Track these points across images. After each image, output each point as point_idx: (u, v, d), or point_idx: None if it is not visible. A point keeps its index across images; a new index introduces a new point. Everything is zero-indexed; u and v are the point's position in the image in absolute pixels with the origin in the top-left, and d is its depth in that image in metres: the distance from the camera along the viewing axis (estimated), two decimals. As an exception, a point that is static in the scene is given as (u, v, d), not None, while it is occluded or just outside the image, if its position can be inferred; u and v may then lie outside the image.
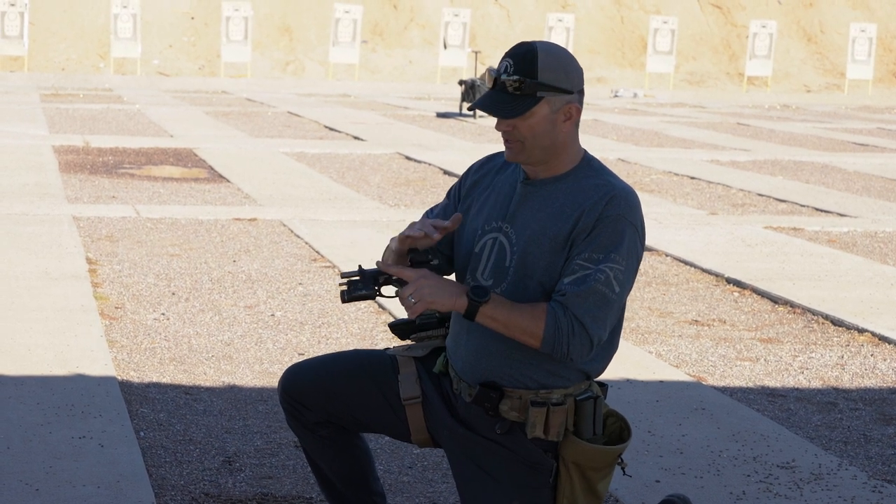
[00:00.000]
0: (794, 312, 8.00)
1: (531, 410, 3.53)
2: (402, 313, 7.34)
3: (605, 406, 3.66)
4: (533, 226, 3.53)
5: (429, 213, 3.77)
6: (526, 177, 3.60)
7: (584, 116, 25.18)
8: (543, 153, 3.52)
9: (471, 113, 24.06)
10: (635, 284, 8.64)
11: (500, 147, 3.87)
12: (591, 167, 3.57)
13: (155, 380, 6.09)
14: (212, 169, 14.60)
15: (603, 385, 3.69)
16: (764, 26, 35.70)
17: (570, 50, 34.39)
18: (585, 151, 3.61)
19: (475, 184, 3.72)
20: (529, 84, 3.45)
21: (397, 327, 3.85)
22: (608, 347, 3.61)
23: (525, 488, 3.57)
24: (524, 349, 3.52)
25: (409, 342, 3.86)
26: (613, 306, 3.45)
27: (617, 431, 3.66)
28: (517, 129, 3.50)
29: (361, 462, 3.90)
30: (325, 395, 3.78)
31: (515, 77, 3.46)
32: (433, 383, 3.74)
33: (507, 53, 3.52)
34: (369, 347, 6.54)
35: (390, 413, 3.76)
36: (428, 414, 3.73)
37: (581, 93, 3.53)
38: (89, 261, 8.83)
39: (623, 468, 3.70)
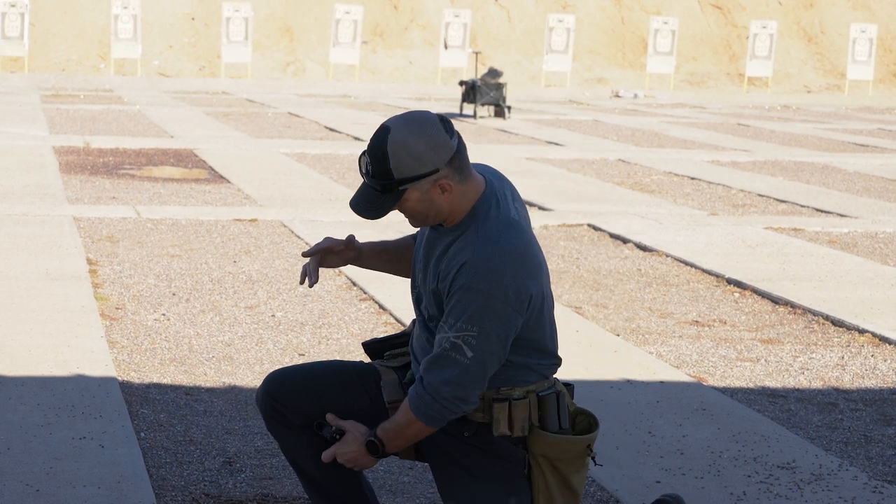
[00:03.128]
0: (795, 313, 8.00)
1: (494, 407, 3.62)
2: (403, 315, 7.34)
3: (574, 405, 3.75)
4: (425, 274, 3.67)
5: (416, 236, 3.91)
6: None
7: (584, 117, 25.19)
8: (439, 218, 3.60)
9: (471, 114, 24.06)
10: (635, 285, 8.67)
11: (498, 149, 3.89)
12: (474, 219, 3.60)
13: (155, 380, 6.09)
14: (212, 170, 14.61)
15: (569, 385, 3.80)
16: (764, 27, 35.70)
17: (571, 51, 34.46)
18: (483, 194, 3.61)
19: None
20: (389, 184, 3.51)
21: (370, 346, 3.96)
22: (543, 352, 3.69)
23: (502, 481, 3.64)
24: None
25: (381, 360, 3.94)
26: (471, 370, 3.53)
27: (587, 428, 3.73)
28: (402, 211, 3.59)
29: None
30: (310, 397, 3.81)
31: (374, 180, 3.52)
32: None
33: (367, 146, 3.57)
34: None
35: (374, 417, 3.80)
36: None
37: (451, 160, 3.53)
38: (90, 261, 8.83)
39: (593, 458, 3.74)
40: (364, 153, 3.56)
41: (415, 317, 3.85)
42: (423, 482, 4.83)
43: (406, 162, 3.48)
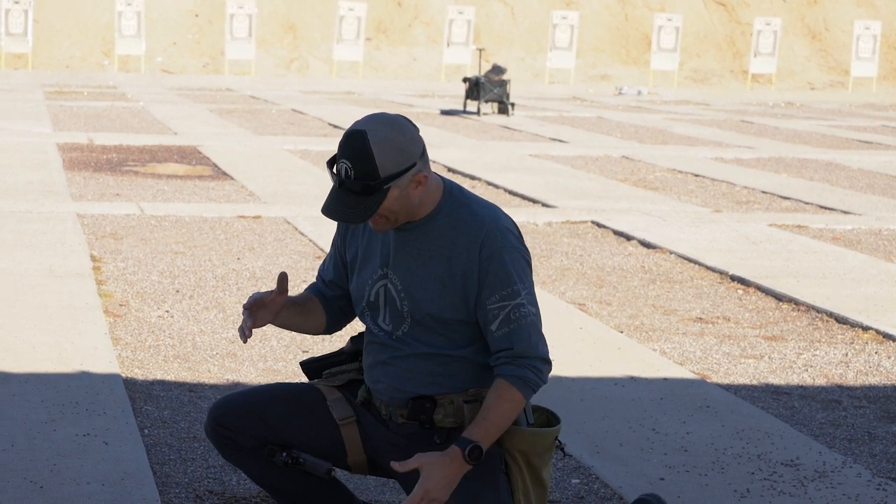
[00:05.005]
0: (799, 310, 8.00)
1: (466, 409, 3.66)
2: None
3: (530, 403, 3.79)
4: (416, 270, 3.64)
5: (321, 268, 3.88)
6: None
7: (588, 114, 25.18)
8: (409, 216, 3.62)
9: (475, 111, 24.06)
10: (639, 282, 8.68)
11: (502, 146, 3.93)
12: (453, 198, 3.65)
13: (159, 377, 6.09)
14: (216, 166, 14.61)
15: None
16: (768, 24, 35.68)
17: (574, 48, 34.46)
18: (444, 182, 3.68)
19: (353, 231, 3.79)
20: (375, 184, 3.50)
21: (308, 366, 3.93)
22: None
23: (480, 477, 3.63)
24: (445, 364, 3.66)
25: (320, 379, 3.92)
26: (539, 322, 3.64)
27: (546, 423, 3.80)
28: (377, 215, 3.57)
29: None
30: (255, 417, 3.81)
31: (360, 183, 3.49)
32: (363, 408, 3.83)
33: (341, 152, 3.52)
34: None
35: (324, 434, 3.81)
36: (365, 434, 3.81)
37: (422, 153, 3.57)
38: (93, 258, 8.84)
39: (562, 449, 3.80)
40: (336, 160, 3.54)
41: (363, 331, 3.82)
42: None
43: (391, 158, 3.50)
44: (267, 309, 3.71)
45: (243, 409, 3.83)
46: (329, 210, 3.55)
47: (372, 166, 3.48)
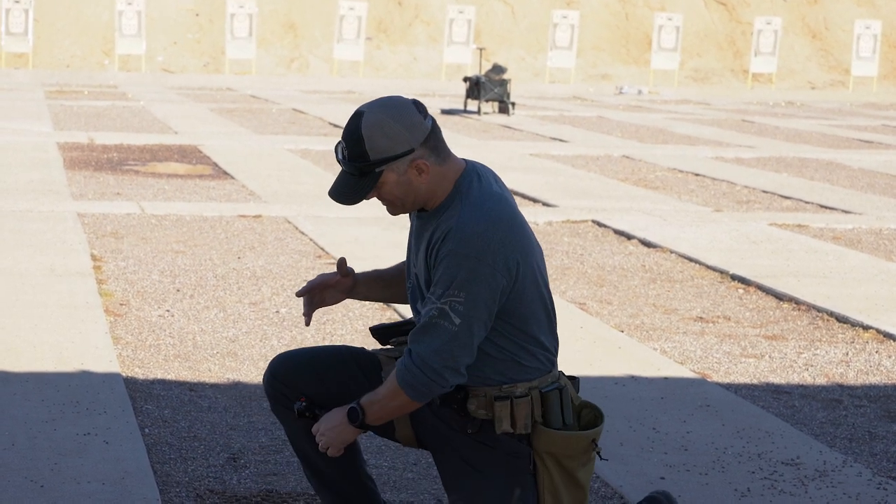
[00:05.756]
0: (799, 309, 8.00)
1: (496, 405, 3.63)
2: (407, 311, 7.34)
3: (579, 398, 3.75)
4: (420, 263, 3.68)
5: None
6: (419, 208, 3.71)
7: (588, 113, 25.18)
8: (418, 202, 3.63)
9: (475, 110, 24.05)
10: (639, 281, 8.67)
11: (503, 145, 3.92)
12: (459, 193, 3.63)
13: (160, 376, 6.09)
14: (216, 166, 14.61)
15: (574, 378, 3.79)
16: (769, 23, 35.67)
17: (575, 47, 34.46)
18: (463, 171, 3.65)
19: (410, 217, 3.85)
20: (365, 166, 3.54)
21: (378, 332, 3.95)
22: (540, 345, 3.67)
23: (505, 475, 3.64)
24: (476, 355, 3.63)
25: (388, 346, 3.93)
26: (452, 335, 3.53)
27: (592, 421, 3.74)
28: (380, 197, 3.63)
29: (350, 445, 3.90)
30: (315, 379, 3.83)
31: (351, 164, 3.55)
32: None
33: (343, 132, 3.60)
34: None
35: None
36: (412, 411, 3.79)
37: (426, 140, 3.58)
38: (94, 257, 8.84)
39: (598, 453, 3.74)
40: (340, 141, 3.60)
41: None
42: (428, 478, 4.83)
43: (381, 142, 3.52)
44: (335, 289, 3.88)
45: (302, 365, 3.85)
46: (331, 190, 3.63)
47: (362, 149, 3.53)
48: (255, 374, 6.19)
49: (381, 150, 3.52)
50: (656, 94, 32.83)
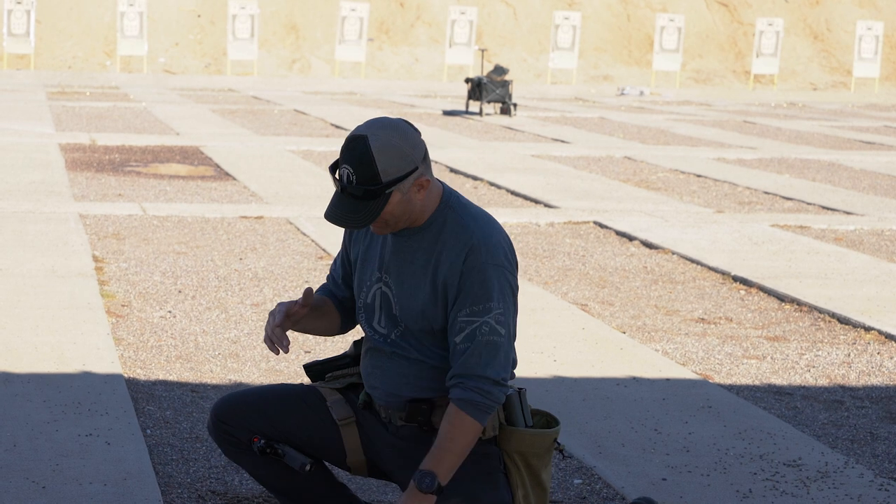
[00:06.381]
0: (801, 310, 8.00)
1: None
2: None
3: (529, 406, 3.80)
4: (408, 279, 3.66)
5: (333, 267, 3.92)
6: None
7: (590, 114, 25.18)
8: (409, 220, 3.63)
9: (477, 111, 24.06)
10: (641, 282, 8.67)
11: (504, 146, 3.93)
12: (449, 209, 3.65)
13: (161, 377, 6.09)
14: (218, 167, 14.61)
15: (520, 388, 3.84)
16: (770, 24, 35.67)
17: (577, 48, 34.46)
18: (443, 189, 3.68)
19: (357, 231, 3.81)
20: (377, 189, 3.51)
21: (311, 368, 3.96)
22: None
23: (480, 476, 3.66)
24: (437, 370, 3.67)
25: (322, 381, 3.95)
26: (503, 347, 3.59)
27: (545, 424, 3.81)
28: (379, 219, 3.59)
29: (319, 465, 3.91)
30: (259, 416, 3.84)
31: (361, 188, 3.51)
32: (364, 410, 3.85)
33: (343, 157, 3.54)
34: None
35: (324, 434, 3.83)
36: (365, 436, 3.82)
37: (424, 157, 3.58)
38: (96, 259, 8.84)
39: (561, 451, 3.84)
40: (337, 165, 3.56)
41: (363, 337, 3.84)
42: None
43: (393, 163, 3.51)
44: (289, 318, 3.75)
45: (244, 406, 3.85)
46: (331, 215, 3.57)
47: (373, 171, 3.50)
48: (256, 375, 6.19)
49: (392, 171, 3.51)
50: (658, 96, 32.83)
